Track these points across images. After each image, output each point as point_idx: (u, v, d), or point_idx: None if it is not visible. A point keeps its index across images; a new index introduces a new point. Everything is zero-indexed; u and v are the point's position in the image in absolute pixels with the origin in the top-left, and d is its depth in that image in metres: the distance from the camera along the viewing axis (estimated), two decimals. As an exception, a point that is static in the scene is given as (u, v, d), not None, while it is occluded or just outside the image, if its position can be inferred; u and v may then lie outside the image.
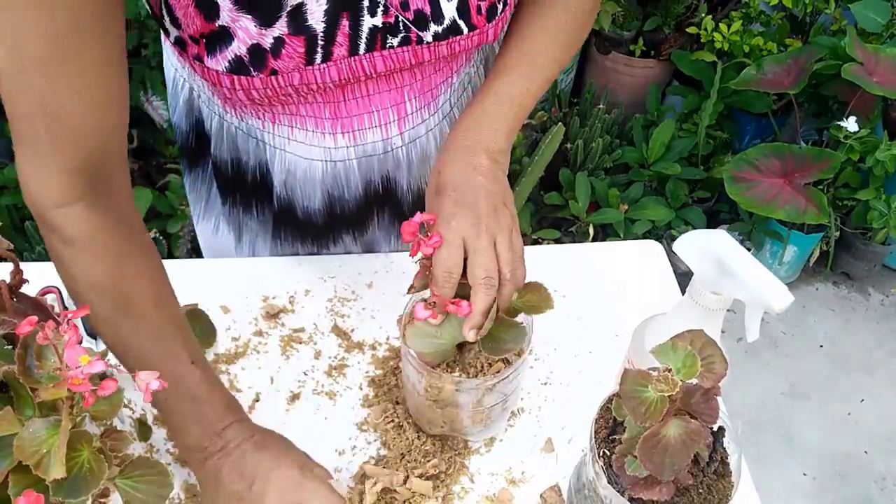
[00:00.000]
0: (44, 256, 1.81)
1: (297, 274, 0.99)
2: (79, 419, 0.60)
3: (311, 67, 0.70)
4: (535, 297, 0.72)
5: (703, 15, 2.22)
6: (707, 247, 0.70)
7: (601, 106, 2.22)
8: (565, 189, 2.12)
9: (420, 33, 0.72)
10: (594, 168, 2.18)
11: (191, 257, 1.83)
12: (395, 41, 0.72)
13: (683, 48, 2.30)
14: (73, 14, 0.59)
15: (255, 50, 0.68)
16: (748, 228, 2.19)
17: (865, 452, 2.00)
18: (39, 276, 0.88)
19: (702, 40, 2.17)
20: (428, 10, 0.71)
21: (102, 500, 0.63)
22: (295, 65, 0.70)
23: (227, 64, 0.69)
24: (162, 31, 0.73)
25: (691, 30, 2.20)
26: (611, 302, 0.99)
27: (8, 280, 0.76)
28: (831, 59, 2.02)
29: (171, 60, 0.90)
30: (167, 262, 0.84)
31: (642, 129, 2.24)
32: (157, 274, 0.72)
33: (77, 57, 0.60)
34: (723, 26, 2.13)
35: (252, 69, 0.69)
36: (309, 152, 0.84)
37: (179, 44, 0.71)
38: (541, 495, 0.80)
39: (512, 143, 0.78)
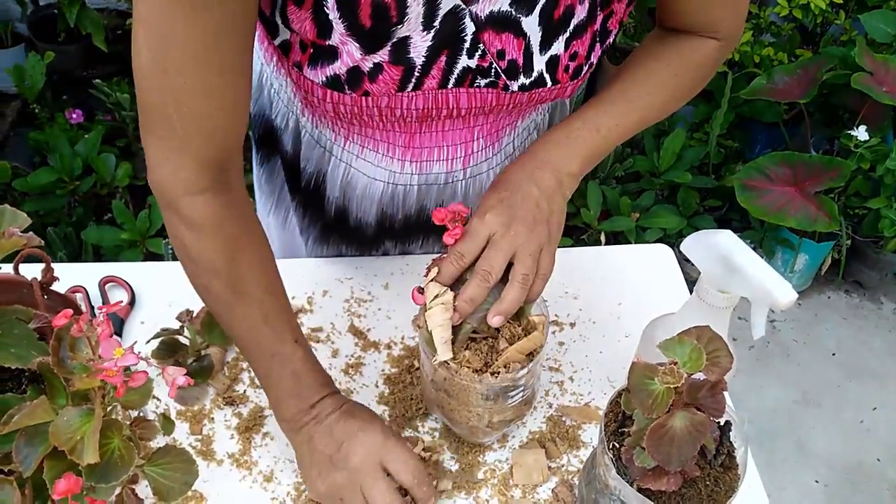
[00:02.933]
0: (65, 261, 1.85)
1: (315, 275, 1.01)
2: (109, 408, 0.63)
3: (401, 94, 0.73)
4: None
5: (714, 26, 2.24)
6: (713, 246, 0.72)
7: (613, 115, 2.24)
8: (577, 197, 2.14)
9: (508, 82, 0.75)
10: (606, 177, 2.20)
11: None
12: (483, 83, 0.75)
13: (694, 58, 2.32)
14: (218, 22, 0.63)
15: (354, 71, 0.71)
16: (759, 237, 2.20)
17: (878, 460, 2.00)
18: (67, 277, 0.91)
19: (713, 50, 2.19)
20: (521, 62, 0.74)
21: (131, 487, 0.65)
22: (387, 90, 0.72)
23: (324, 78, 0.72)
24: (262, 31, 0.76)
25: (702, 40, 2.22)
26: (622, 304, 1.01)
27: (39, 278, 0.79)
28: (841, 69, 2.04)
29: (259, 55, 0.93)
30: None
31: (653, 137, 2.26)
32: (269, 263, 0.78)
33: (216, 62, 0.65)
34: (733, 37, 2.15)
35: (347, 87, 0.72)
36: (374, 172, 0.87)
37: (283, 47, 0.73)
38: (552, 490, 0.82)
39: (586, 171, 0.80)
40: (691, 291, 0.78)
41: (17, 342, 0.63)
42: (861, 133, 1.93)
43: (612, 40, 0.79)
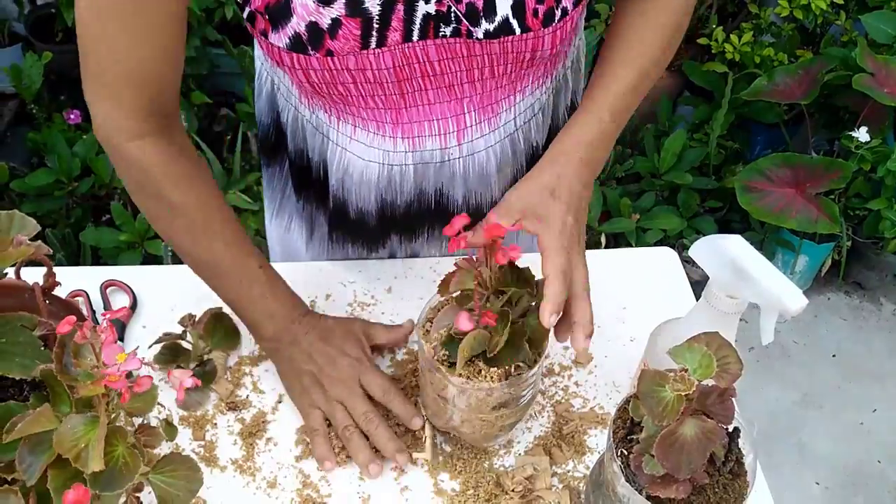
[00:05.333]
0: (64, 263, 1.84)
1: (318, 279, 1.01)
2: (114, 415, 0.62)
3: (366, 52, 0.73)
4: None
5: (715, 26, 2.24)
6: (723, 251, 0.72)
7: (613, 116, 2.23)
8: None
9: (471, 28, 0.73)
10: (606, 178, 2.20)
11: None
12: (448, 31, 0.73)
13: (695, 59, 2.32)
14: None
15: (313, 28, 0.71)
16: (760, 238, 2.20)
17: (878, 462, 2.00)
18: (67, 280, 0.90)
19: (713, 51, 2.19)
20: (480, 5, 0.72)
21: (136, 495, 0.65)
22: (350, 48, 0.72)
23: (287, 40, 0.72)
24: (249, 26, 0.77)
25: (702, 41, 2.22)
26: (626, 307, 1.00)
27: (41, 283, 0.78)
28: (842, 69, 2.04)
29: (258, 52, 0.93)
30: (189, 268, 0.88)
31: (654, 139, 2.26)
32: (219, 196, 0.84)
33: (149, 10, 0.70)
34: (734, 37, 2.15)
35: (309, 48, 0.72)
36: (368, 153, 0.86)
37: (251, 20, 0.74)
38: (558, 496, 0.82)
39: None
40: (695, 294, 0.77)
41: (22, 351, 0.62)
42: (862, 134, 1.93)
43: None
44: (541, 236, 0.76)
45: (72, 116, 2.10)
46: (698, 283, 0.76)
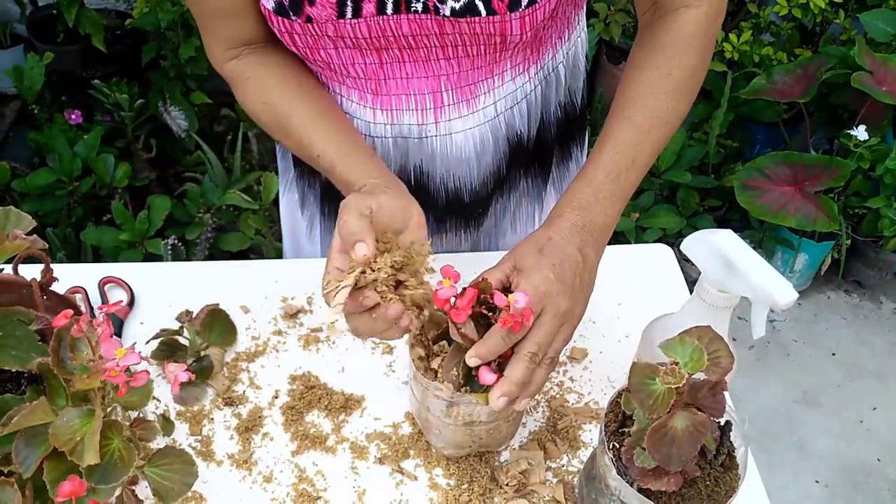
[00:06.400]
0: (65, 261, 1.85)
1: (314, 276, 1.00)
2: (109, 409, 0.63)
3: (343, 21, 0.77)
4: None
5: (714, 25, 2.24)
6: (714, 246, 0.72)
7: (612, 115, 2.24)
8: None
9: (438, 4, 0.76)
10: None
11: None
12: (419, 6, 0.76)
13: (694, 58, 2.32)
14: None
15: None
16: (759, 236, 2.20)
17: (878, 460, 2.00)
18: (66, 277, 0.91)
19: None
20: None
21: (131, 488, 0.65)
22: (328, 15, 0.76)
23: (273, 4, 0.77)
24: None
25: (701, 40, 2.22)
26: (621, 304, 1.01)
27: (39, 279, 0.79)
28: (841, 68, 2.04)
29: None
30: (186, 265, 0.87)
31: (653, 138, 2.26)
32: (316, 91, 0.87)
33: None
34: (733, 36, 2.15)
35: (291, 13, 0.77)
36: (352, 123, 0.89)
37: None
38: (552, 490, 0.82)
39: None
40: (691, 292, 0.78)
41: (18, 344, 0.63)
42: (861, 132, 1.93)
43: None
44: (519, 285, 0.71)
45: (73, 116, 2.11)
46: (696, 282, 0.76)
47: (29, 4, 2.37)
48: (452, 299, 0.67)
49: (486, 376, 0.69)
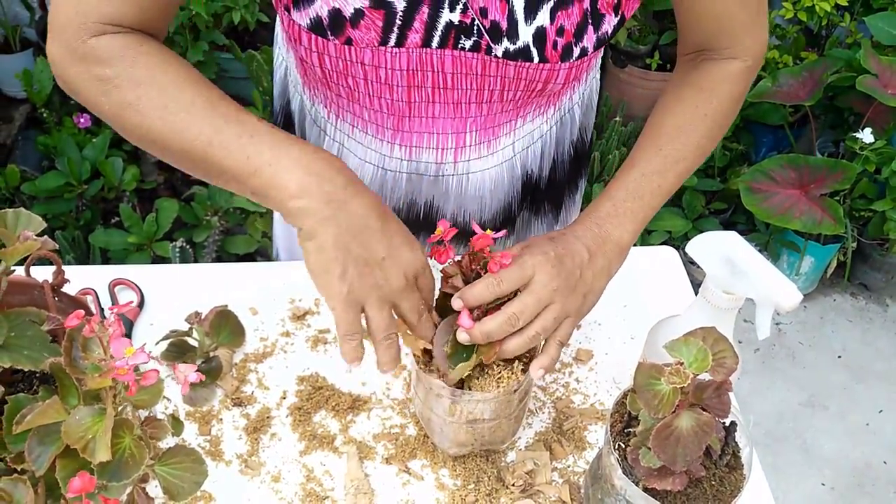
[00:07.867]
0: (73, 264, 1.86)
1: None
2: (121, 408, 0.63)
3: (384, 48, 0.73)
4: None
5: (719, 29, 2.24)
6: (719, 247, 0.73)
7: (618, 118, 2.25)
8: (583, 200, 2.15)
9: (492, 44, 0.74)
10: (611, 179, 2.21)
11: (215, 266, 1.87)
12: (468, 44, 0.74)
13: (699, 61, 2.33)
14: None
15: (336, 15, 0.71)
16: (765, 239, 2.20)
17: (885, 463, 2.00)
18: (76, 279, 0.91)
19: (717, 53, 2.20)
20: (504, 25, 0.73)
21: (142, 485, 0.66)
22: (370, 40, 0.72)
23: (308, 21, 0.72)
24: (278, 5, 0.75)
25: (707, 43, 2.23)
26: (627, 306, 1.01)
27: (50, 280, 0.80)
28: (847, 71, 2.05)
29: (278, 33, 0.93)
30: (195, 267, 0.88)
31: (659, 141, 2.26)
32: (198, 75, 0.72)
33: None
34: (738, 40, 2.15)
35: (329, 33, 0.72)
36: (364, 154, 0.87)
37: None
38: (558, 491, 0.83)
39: (636, 238, 0.81)
40: (696, 294, 0.78)
41: (30, 344, 0.64)
42: (866, 135, 1.94)
43: (608, 33, 0.77)
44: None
45: (81, 120, 2.13)
46: (701, 284, 0.77)
47: (38, 9, 2.39)
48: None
49: (465, 320, 0.71)
